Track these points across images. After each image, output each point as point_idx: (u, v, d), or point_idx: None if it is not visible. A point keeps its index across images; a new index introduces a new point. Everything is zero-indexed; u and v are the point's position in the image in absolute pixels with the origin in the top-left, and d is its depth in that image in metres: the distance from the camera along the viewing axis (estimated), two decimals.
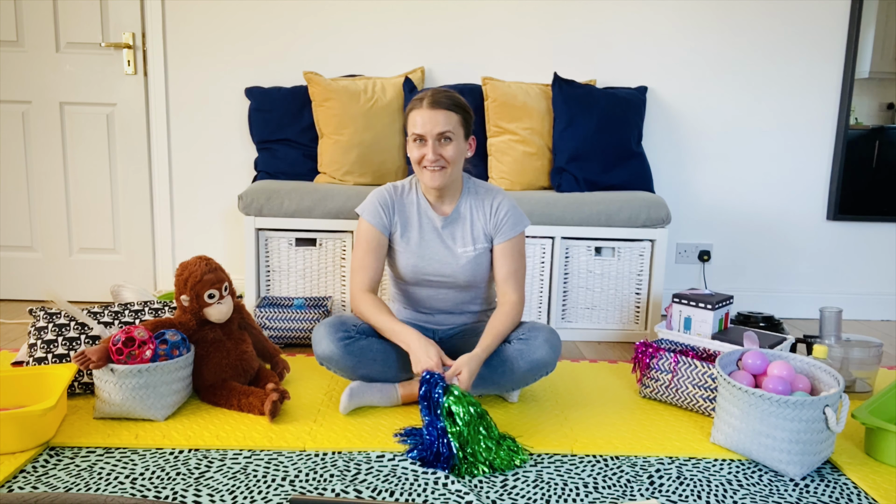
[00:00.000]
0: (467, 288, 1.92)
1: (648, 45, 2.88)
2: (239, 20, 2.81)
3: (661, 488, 1.47)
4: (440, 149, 1.76)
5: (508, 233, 1.86)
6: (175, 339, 1.75)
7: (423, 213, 1.89)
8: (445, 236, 1.88)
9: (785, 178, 3.00)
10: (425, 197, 1.89)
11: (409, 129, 1.80)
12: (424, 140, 1.76)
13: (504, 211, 1.87)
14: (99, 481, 1.42)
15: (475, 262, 1.87)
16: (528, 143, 2.67)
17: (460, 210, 1.88)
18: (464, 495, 1.41)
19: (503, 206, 1.87)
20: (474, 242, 1.87)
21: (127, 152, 2.89)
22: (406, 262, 1.88)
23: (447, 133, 1.75)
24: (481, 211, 1.88)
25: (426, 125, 1.75)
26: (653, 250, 2.55)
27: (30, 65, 2.80)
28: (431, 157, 1.75)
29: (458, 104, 1.80)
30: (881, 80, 2.90)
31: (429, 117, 1.75)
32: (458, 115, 1.78)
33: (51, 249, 2.95)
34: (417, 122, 1.76)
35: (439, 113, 1.75)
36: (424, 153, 1.76)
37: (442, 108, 1.75)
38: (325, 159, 2.67)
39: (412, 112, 1.79)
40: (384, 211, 1.87)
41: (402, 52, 2.85)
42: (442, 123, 1.75)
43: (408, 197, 1.90)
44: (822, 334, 2.13)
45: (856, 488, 1.49)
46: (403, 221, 1.89)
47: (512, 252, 1.86)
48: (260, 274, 2.55)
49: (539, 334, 1.80)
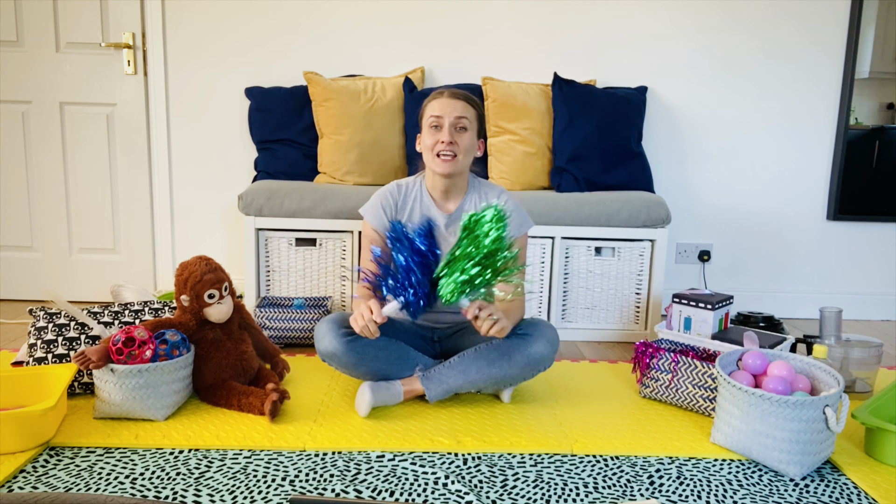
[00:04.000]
0: None
1: (649, 45, 2.88)
2: (239, 20, 2.81)
3: (661, 488, 1.47)
4: (455, 136, 1.81)
5: (512, 232, 1.85)
6: (175, 339, 1.75)
7: (427, 210, 1.90)
8: (448, 234, 1.89)
9: (785, 178, 3.00)
10: (430, 195, 1.91)
11: (426, 115, 1.85)
12: (441, 126, 1.81)
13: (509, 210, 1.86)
14: (99, 481, 1.42)
15: None
16: (528, 143, 2.67)
17: (464, 208, 1.90)
18: (464, 495, 1.41)
19: (508, 206, 1.87)
20: None
21: (127, 152, 2.89)
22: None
23: (463, 121, 1.81)
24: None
25: (445, 109, 1.81)
26: (653, 250, 2.55)
27: (30, 65, 2.80)
28: (447, 138, 1.79)
29: (475, 101, 1.88)
30: (881, 80, 2.90)
31: (448, 104, 1.82)
32: (474, 110, 1.86)
33: (51, 249, 2.95)
34: (436, 107, 1.82)
35: (458, 102, 1.83)
36: (439, 138, 1.80)
37: (461, 99, 1.83)
38: (325, 159, 2.67)
39: (431, 101, 1.85)
40: (386, 212, 1.89)
41: (402, 52, 2.85)
42: (460, 109, 1.82)
43: (412, 194, 1.92)
44: (822, 334, 2.13)
45: (856, 488, 1.49)
46: (407, 219, 1.90)
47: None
48: (260, 274, 2.55)
49: (537, 329, 1.82)
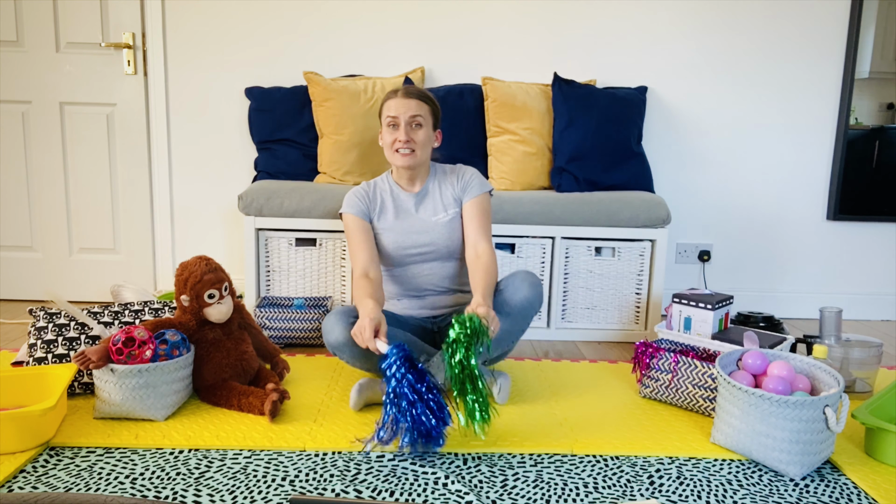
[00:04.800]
0: (449, 257, 2.02)
1: (648, 45, 2.88)
2: (239, 20, 2.81)
3: (661, 488, 1.47)
4: (411, 133, 1.93)
5: (475, 191, 2.00)
6: (175, 339, 1.75)
7: (396, 195, 2.04)
8: (418, 210, 2.02)
9: (785, 178, 3.00)
10: (396, 183, 2.05)
11: (383, 115, 1.97)
12: (397, 125, 1.93)
13: (469, 174, 2.04)
14: (99, 481, 1.42)
15: (450, 226, 2.00)
16: (528, 143, 2.67)
17: (428, 187, 2.04)
18: (464, 495, 1.41)
19: (468, 171, 2.05)
20: (445, 209, 2.01)
21: (127, 152, 2.89)
22: (387, 240, 2.01)
23: (418, 118, 1.93)
24: (448, 182, 2.04)
25: (399, 109, 1.93)
26: (653, 250, 2.55)
27: (30, 65, 2.80)
28: (404, 137, 1.92)
29: (429, 97, 1.99)
30: (881, 80, 2.90)
31: (402, 104, 1.93)
32: (428, 106, 1.97)
33: (51, 249, 2.95)
34: (392, 107, 1.94)
35: (412, 101, 1.94)
36: (396, 136, 1.94)
37: (414, 98, 1.95)
38: (325, 159, 2.67)
39: (387, 101, 1.96)
40: (360, 200, 2.02)
41: (402, 52, 2.85)
42: (414, 108, 1.93)
43: (380, 185, 2.07)
44: (822, 334, 2.13)
45: (856, 488, 1.49)
46: (380, 205, 2.03)
47: (480, 210, 1.99)
48: (260, 274, 2.55)
49: (515, 277, 1.91)
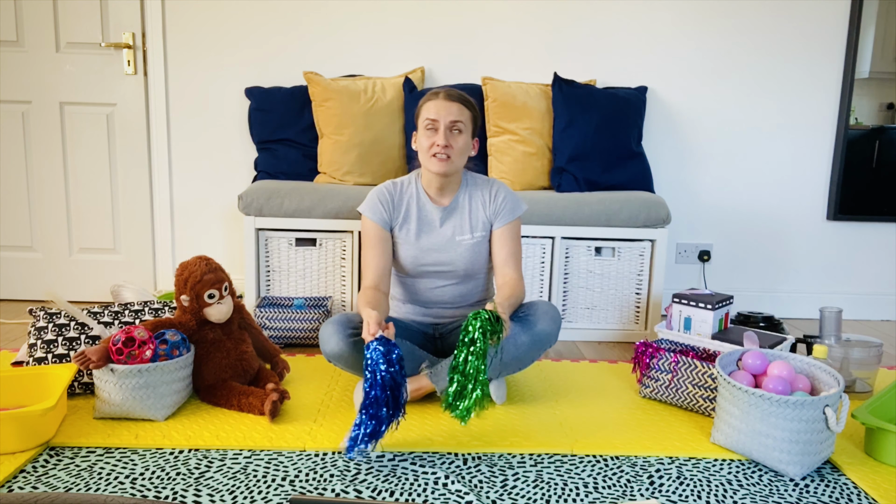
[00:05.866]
0: (466, 279, 1.96)
1: (648, 45, 2.88)
2: (239, 20, 2.81)
3: (661, 488, 1.47)
4: (450, 138, 1.84)
5: (507, 217, 1.93)
6: (175, 339, 1.75)
7: (423, 205, 1.94)
8: (444, 226, 1.93)
9: (785, 178, 3.00)
10: (425, 191, 1.94)
11: (422, 117, 1.87)
12: (436, 128, 1.83)
13: (502, 196, 1.94)
14: (99, 481, 1.42)
15: (473, 250, 1.92)
16: (528, 143, 2.67)
17: (458, 201, 1.95)
18: (464, 495, 1.41)
19: (501, 192, 1.95)
20: (472, 230, 1.93)
21: (127, 152, 2.89)
22: (406, 253, 1.93)
23: (458, 123, 1.84)
24: (479, 199, 1.95)
25: (440, 112, 1.83)
26: (653, 250, 2.55)
27: (30, 65, 2.80)
28: (442, 142, 1.82)
29: (470, 102, 1.89)
30: (881, 80, 2.90)
31: (444, 107, 1.84)
32: (469, 112, 1.88)
33: (51, 249, 2.95)
34: (432, 109, 1.85)
35: (454, 105, 1.84)
36: (435, 140, 1.84)
37: (456, 101, 1.85)
38: (325, 159, 2.67)
39: (427, 102, 1.87)
40: (384, 206, 1.93)
41: (402, 52, 2.85)
42: (455, 113, 1.84)
43: (407, 191, 1.96)
44: (822, 334, 2.13)
45: (856, 488, 1.49)
46: (403, 214, 1.94)
47: (511, 235, 1.93)
48: (260, 274, 2.55)
49: (538, 308, 1.85)
